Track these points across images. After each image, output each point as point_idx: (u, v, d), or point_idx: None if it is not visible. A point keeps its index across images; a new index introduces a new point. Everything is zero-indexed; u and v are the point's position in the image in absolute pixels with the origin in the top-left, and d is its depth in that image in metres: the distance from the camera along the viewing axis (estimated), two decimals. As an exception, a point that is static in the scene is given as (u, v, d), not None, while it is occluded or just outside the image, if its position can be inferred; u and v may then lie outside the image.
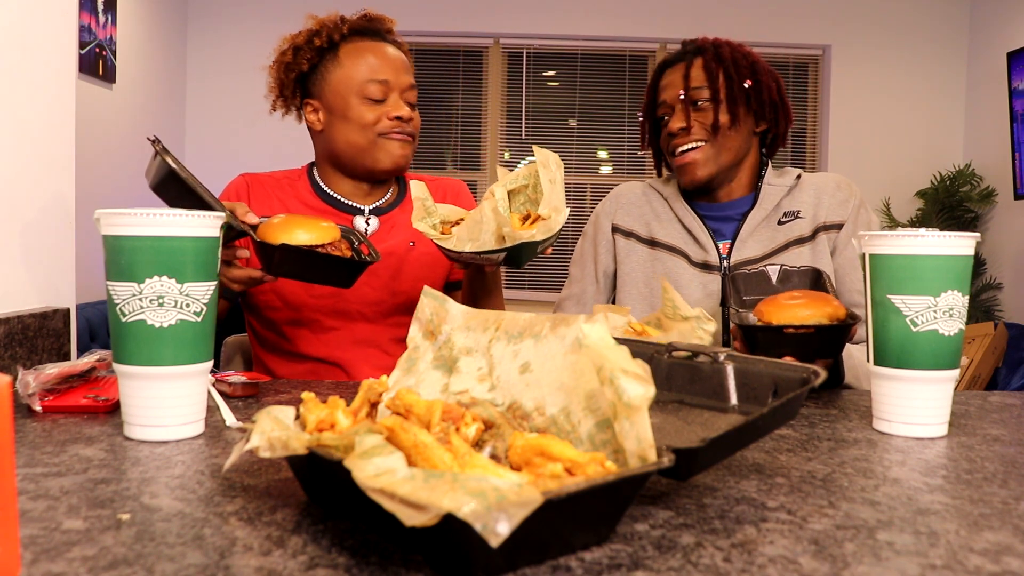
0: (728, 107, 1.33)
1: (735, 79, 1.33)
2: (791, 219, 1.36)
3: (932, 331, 0.78)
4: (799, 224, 1.36)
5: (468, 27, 4.43)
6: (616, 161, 4.62)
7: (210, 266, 0.73)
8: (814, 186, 1.39)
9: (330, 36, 1.29)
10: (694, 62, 1.36)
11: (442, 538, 0.42)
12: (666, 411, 0.68)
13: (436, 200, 1.38)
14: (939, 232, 0.77)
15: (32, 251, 1.03)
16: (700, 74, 1.34)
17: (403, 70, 1.30)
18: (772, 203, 1.37)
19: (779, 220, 1.36)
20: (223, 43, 4.37)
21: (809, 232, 1.35)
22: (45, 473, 0.60)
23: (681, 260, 1.38)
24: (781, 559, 0.47)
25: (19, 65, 1.00)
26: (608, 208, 1.49)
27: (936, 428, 0.79)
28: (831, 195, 1.37)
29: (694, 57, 1.36)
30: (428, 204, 1.07)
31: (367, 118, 1.27)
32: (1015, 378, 3.45)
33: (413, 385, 0.64)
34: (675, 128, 1.34)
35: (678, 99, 1.35)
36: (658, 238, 1.41)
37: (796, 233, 1.35)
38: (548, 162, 1.02)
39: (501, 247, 0.98)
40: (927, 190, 4.34)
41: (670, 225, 1.42)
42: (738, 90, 1.33)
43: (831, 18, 4.40)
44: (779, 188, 1.38)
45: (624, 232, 1.45)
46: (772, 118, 1.38)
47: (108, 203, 3.25)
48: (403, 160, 1.31)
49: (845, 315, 0.98)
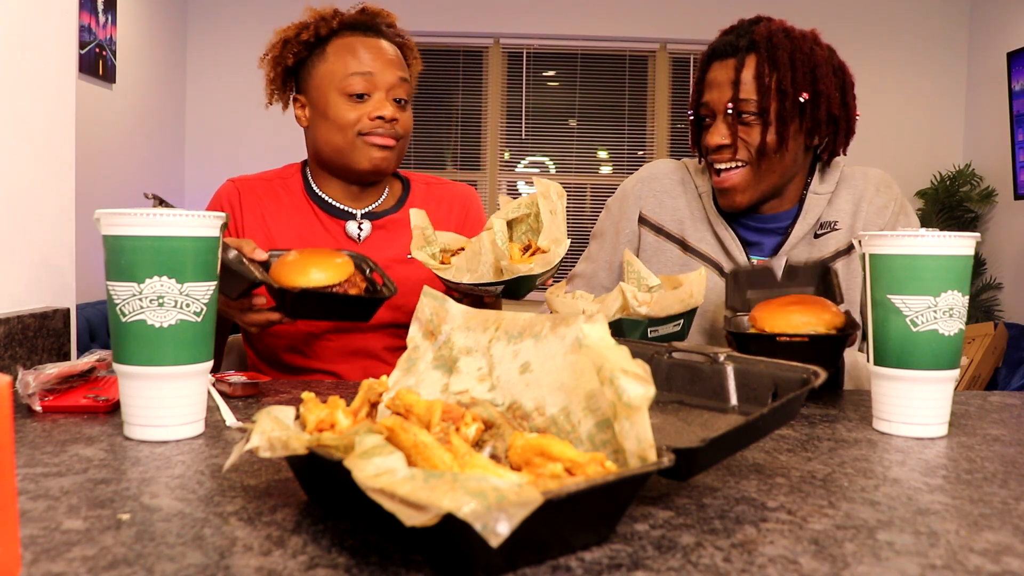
0: (778, 127, 1.16)
1: (789, 92, 1.15)
2: (827, 231, 1.23)
3: (932, 331, 0.78)
4: (835, 237, 1.23)
5: (468, 27, 4.43)
6: (616, 161, 4.62)
7: (210, 266, 0.73)
8: (853, 189, 1.25)
9: (317, 30, 1.25)
10: (746, 62, 1.17)
11: (442, 538, 0.42)
12: (666, 412, 0.68)
13: (444, 208, 1.36)
14: (939, 232, 0.77)
15: (32, 251, 1.03)
16: (751, 81, 1.16)
17: (392, 66, 1.24)
18: (816, 215, 1.23)
19: (815, 233, 1.23)
20: (223, 43, 4.37)
21: (846, 245, 1.22)
22: (45, 473, 0.60)
23: (713, 271, 1.25)
24: (781, 559, 0.47)
25: (19, 65, 1.00)
26: (639, 191, 1.33)
27: (936, 428, 0.79)
28: (870, 201, 1.24)
29: (747, 55, 1.17)
30: (428, 233, 1.04)
31: (346, 117, 1.21)
32: (1015, 378, 3.45)
33: (413, 385, 0.64)
34: (714, 144, 1.19)
35: (722, 107, 1.18)
36: (690, 241, 1.27)
37: (833, 247, 1.22)
38: (549, 192, 1.00)
39: (499, 280, 0.97)
40: (927, 190, 4.34)
41: (702, 228, 1.27)
42: (791, 106, 1.15)
43: (830, 18, 4.40)
44: (823, 197, 1.24)
45: (653, 226, 1.30)
46: (830, 132, 1.21)
47: (108, 203, 3.25)
48: (383, 163, 1.24)
49: (844, 323, 0.93)
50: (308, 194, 1.31)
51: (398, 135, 1.24)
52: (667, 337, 0.97)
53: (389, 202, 1.34)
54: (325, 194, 1.31)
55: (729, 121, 1.18)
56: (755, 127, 1.17)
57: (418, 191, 1.37)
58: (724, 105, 1.18)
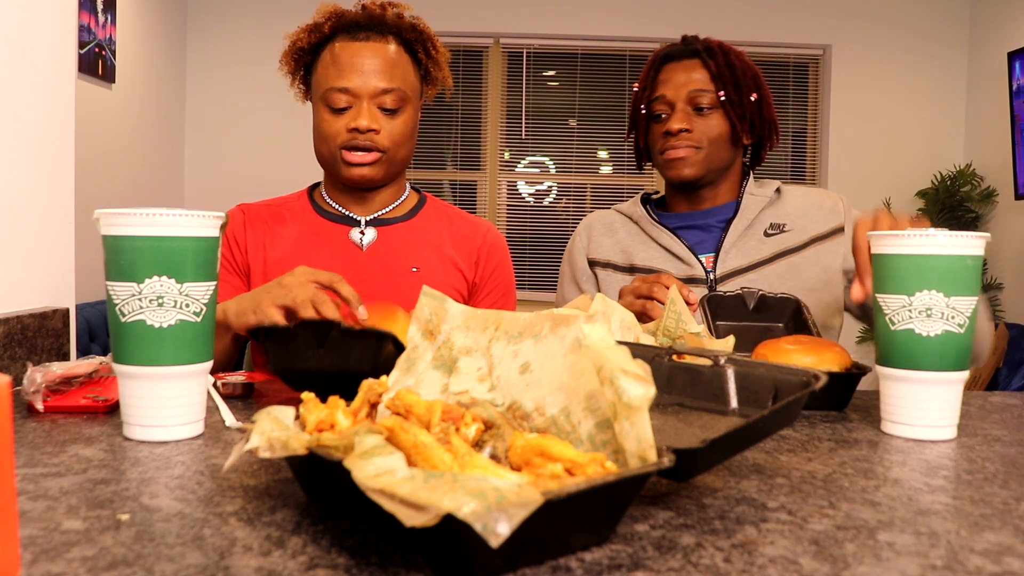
0: (732, 117, 1.31)
1: (743, 91, 1.31)
2: (778, 232, 1.35)
3: (908, 330, 0.78)
4: (787, 237, 1.34)
5: (468, 27, 4.43)
6: (616, 161, 4.62)
7: (210, 266, 0.73)
8: (798, 202, 1.38)
9: (314, 35, 1.24)
10: (703, 61, 1.32)
11: (442, 538, 0.42)
12: (666, 414, 0.68)
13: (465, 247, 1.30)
14: (948, 232, 0.77)
15: (32, 251, 1.03)
16: (708, 77, 1.32)
17: (377, 74, 1.20)
18: (753, 213, 1.36)
19: (765, 231, 1.35)
20: (223, 43, 4.37)
21: (800, 243, 1.34)
22: (45, 473, 0.60)
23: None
24: (781, 559, 0.47)
25: (19, 65, 1.00)
26: (580, 243, 1.45)
27: (918, 430, 0.78)
28: (817, 208, 1.37)
29: (703, 57, 1.33)
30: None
31: (328, 129, 1.21)
32: (1016, 378, 3.45)
33: (412, 385, 0.64)
34: (675, 128, 1.31)
35: (682, 99, 1.32)
36: (637, 263, 1.37)
37: (785, 245, 1.34)
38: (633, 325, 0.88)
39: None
40: (928, 190, 4.34)
41: (647, 247, 1.38)
42: (746, 102, 1.32)
43: (832, 18, 4.40)
44: (760, 199, 1.37)
45: (601, 264, 1.41)
46: (766, 133, 1.37)
47: (108, 203, 3.25)
48: (362, 179, 1.22)
49: (851, 364, 0.92)
50: (313, 205, 1.31)
51: (380, 147, 1.21)
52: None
53: (400, 211, 1.32)
54: (333, 200, 1.30)
55: (687, 111, 1.32)
56: (711, 117, 1.31)
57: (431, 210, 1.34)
58: (683, 96, 1.32)
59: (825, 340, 0.97)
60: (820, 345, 0.94)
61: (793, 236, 1.34)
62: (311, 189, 1.35)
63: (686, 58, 1.34)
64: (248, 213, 1.30)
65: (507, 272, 1.37)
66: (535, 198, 4.63)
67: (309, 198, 1.33)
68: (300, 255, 1.25)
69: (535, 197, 4.63)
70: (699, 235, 1.37)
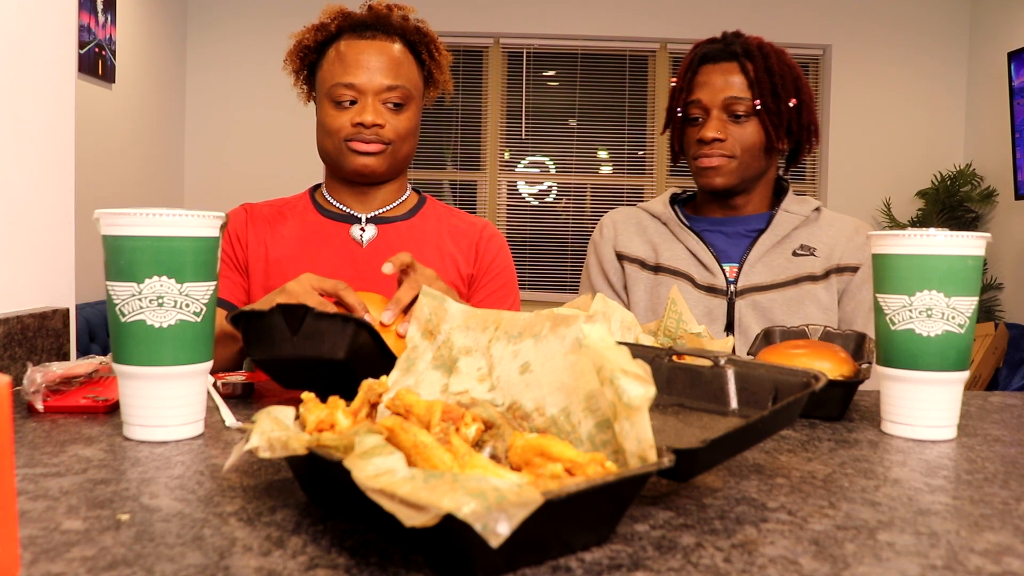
0: (768, 126, 1.27)
1: (782, 97, 1.27)
2: (806, 254, 1.31)
3: (908, 330, 0.78)
4: (812, 261, 1.31)
5: (468, 27, 4.43)
6: (616, 161, 4.62)
7: (210, 266, 0.73)
8: (833, 226, 1.34)
9: (320, 34, 1.26)
10: (742, 65, 1.28)
11: (442, 538, 0.42)
12: (666, 414, 0.68)
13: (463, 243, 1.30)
14: (949, 232, 0.77)
15: (32, 251, 1.03)
16: (746, 82, 1.27)
17: (383, 71, 1.22)
18: (785, 230, 1.32)
19: (794, 251, 1.32)
20: (223, 42, 4.37)
21: (821, 271, 1.31)
22: (45, 473, 0.60)
23: (686, 283, 1.32)
24: (781, 559, 0.47)
25: (19, 65, 1.00)
26: (608, 235, 1.42)
27: (917, 429, 0.78)
28: (849, 238, 1.33)
29: (742, 61, 1.28)
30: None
31: (333, 124, 1.23)
32: (1016, 378, 3.45)
33: (412, 385, 0.64)
34: (709, 137, 1.27)
35: (717, 105, 1.28)
36: (663, 262, 1.35)
37: (808, 269, 1.30)
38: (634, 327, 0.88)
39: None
40: (928, 190, 4.35)
41: (674, 247, 1.36)
42: (784, 109, 1.27)
43: (832, 18, 4.40)
44: (795, 217, 1.33)
45: (630, 259, 1.39)
46: (803, 138, 1.32)
47: (108, 203, 3.25)
48: (365, 169, 1.24)
49: (856, 370, 0.90)
50: (314, 204, 1.33)
51: (385, 140, 1.23)
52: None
53: (400, 210, 1.33)
54: (333, 198, 1.32)
55: (723, 118, 1.28)
56: (747, 126, 1.27)
57: (431, 210, 1.36)
58: (719, 103, 1.28)
59: (830, 345, 0.95)
60: (823, 350, 0.93)
61: (820, 263, 1.31)
62: (313, 189, 1.37)
63: (724, 60, 1.30)
64: (251, 212, 1.33)
65: (506, 263, 1.37)
66: (535, 198, 4.63)
67: (311, 198, 1.35)
68: (301, 252, 1.27)
69: (535, 197, 4.63)
70: (726, 242, 1.34)
